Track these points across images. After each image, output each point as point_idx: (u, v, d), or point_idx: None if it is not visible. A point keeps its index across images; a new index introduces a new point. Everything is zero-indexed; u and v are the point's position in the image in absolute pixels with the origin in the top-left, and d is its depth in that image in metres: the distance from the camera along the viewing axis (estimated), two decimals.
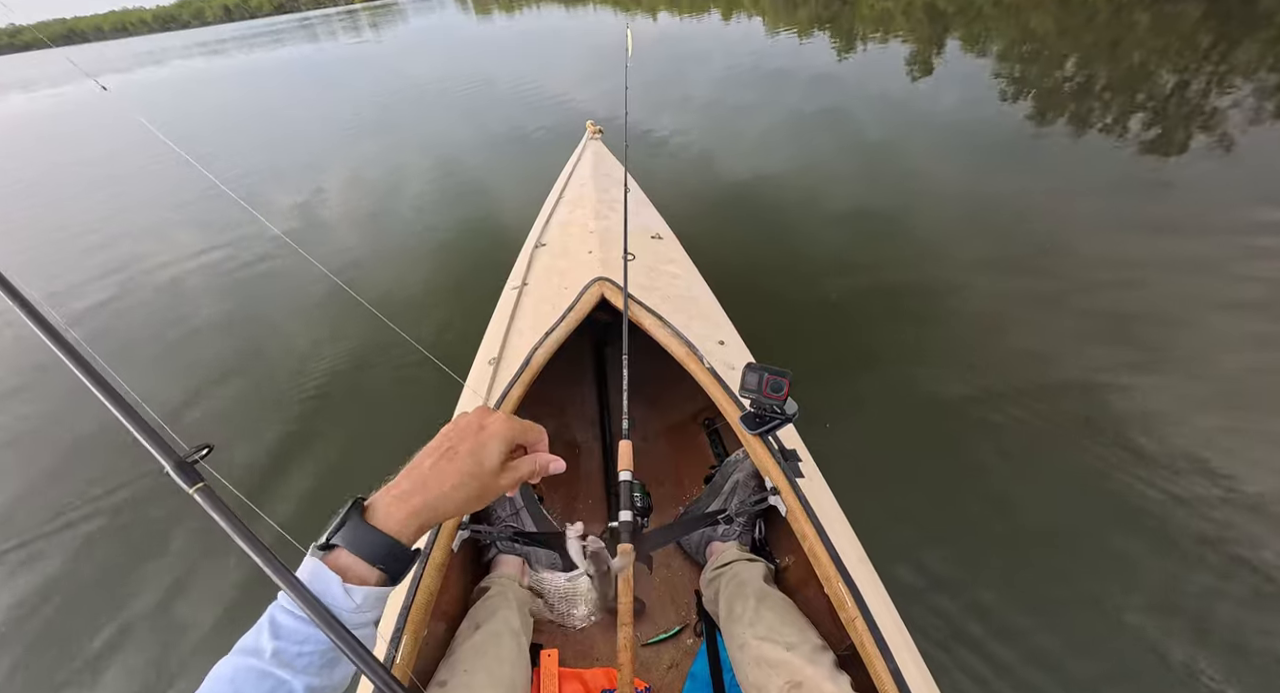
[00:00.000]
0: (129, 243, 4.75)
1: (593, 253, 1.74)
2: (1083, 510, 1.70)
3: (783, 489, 1.06)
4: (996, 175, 3.78)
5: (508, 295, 1.81)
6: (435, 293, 3.31)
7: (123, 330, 3.45)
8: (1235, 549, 1.54)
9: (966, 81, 5.86)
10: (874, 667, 0.81)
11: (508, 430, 0.53)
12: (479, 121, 6.98)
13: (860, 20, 10.39)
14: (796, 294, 2.81)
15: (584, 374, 2.03)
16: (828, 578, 0.93)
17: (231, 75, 18.78)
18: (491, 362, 1.46)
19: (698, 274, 1.95)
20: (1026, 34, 7.48)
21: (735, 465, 1.30)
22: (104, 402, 0.55)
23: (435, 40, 19.36)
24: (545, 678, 1.11)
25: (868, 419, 2.08)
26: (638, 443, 1.51)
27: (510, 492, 0.54)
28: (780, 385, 1.02)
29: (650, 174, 4.45)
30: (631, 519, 0.98)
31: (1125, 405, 1.97)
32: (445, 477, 0.49)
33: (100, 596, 1.86)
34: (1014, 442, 1.92)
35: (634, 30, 3.44)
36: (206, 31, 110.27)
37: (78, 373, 0.56)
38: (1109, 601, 1.48)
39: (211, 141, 8.26)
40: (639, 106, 6.31)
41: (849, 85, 6.25)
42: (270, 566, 0.48)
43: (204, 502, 0.53)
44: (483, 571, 1.25)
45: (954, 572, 1.57)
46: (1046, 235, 3.00)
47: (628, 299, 1.44)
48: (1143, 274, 2.61)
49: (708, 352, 1.35)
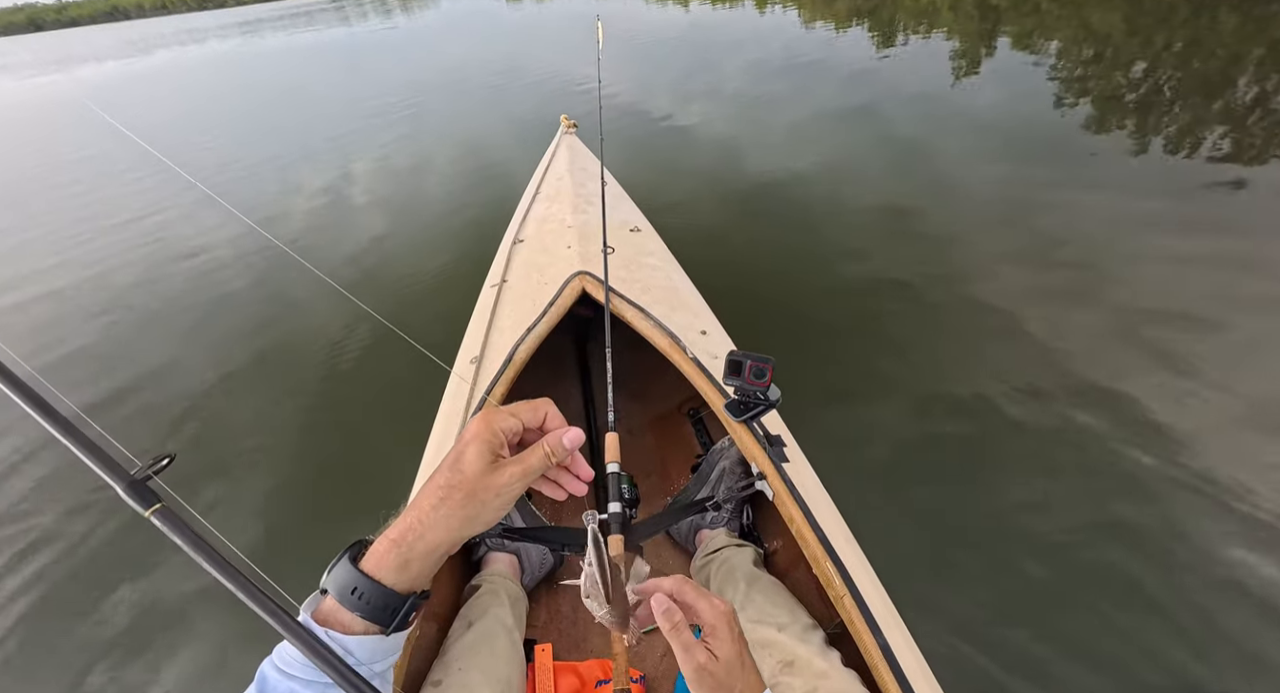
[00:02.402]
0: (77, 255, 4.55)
1: (571, 247, 1.73)
2: (1065, 487, 1.75)
3: (769, 474, 1.07)
4: (1042, 186, 3.39)
5: (487, 293, 1.79)
6: (438, 282, 3.24)
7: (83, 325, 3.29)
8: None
9: (1016, 82, 5.28)
10: (863, 642, 0.83)
11: (485, 427, 0.46)
12: (505, 108, 6.80)
13: (903, 13, 9.75)
14: (821, 295, 2.74)
15: (567, 369, 2.03)
16: (815, 558, 0.94)
17: (267, 55, 18.33)
18: (474, 361, 1.45)
19: (677, 265, 1.95)
20: (1089, 33, 6.79)
21: (721, 453, 1.31)
22: (28, 411, 0.46)
23: (466, 25, 18.69)
24: (540, 673, 1.11)
25: (859, 411, 2.10)
26: (624, 435, 1.52)
27: (526, 488, 0.47)
28: (763, 372, 1.03)
29: (667, 165, 4.44)
30: (620, 511, 0.99)
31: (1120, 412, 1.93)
32: (424, 497, 0.44)
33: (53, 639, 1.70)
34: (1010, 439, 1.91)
35: (646, 19, 3.41)
36: (243, 11, 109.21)
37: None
38: (1093, 567, 1.54)
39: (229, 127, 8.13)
40: (663, 97, 6.23)
41: (885, 80, 5.89)
42: (248, 593, 0.44)
43: (163, 525, 0.46)
44: (472, 569, 1.25)
45: (941, 555, 1.61)
46: (1089, 255, 2.71)
47: (609, 292, 1.44)
48: (1208, 312, 2.25)
49: (690, 342, 1.36)
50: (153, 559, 1.87)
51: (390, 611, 0.43)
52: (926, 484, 1.80)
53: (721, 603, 0.50)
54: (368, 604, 0.42)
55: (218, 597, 1.70)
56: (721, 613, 0.49)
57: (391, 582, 0.42)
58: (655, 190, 3.87)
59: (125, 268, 3.97)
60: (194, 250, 4.09)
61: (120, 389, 2.73)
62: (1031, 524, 1.65)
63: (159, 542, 0.50)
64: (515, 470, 0.45)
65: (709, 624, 0.49)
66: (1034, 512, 1.68)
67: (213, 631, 1.67)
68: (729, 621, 0.49)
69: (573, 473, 0.49)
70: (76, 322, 3.37)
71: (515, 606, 1.12)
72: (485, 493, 0.44)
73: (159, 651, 1.64)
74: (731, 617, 0.50)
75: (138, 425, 2.50)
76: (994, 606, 1.48)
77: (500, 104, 7.09)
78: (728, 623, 0.49)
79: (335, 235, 4.13)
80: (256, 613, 0.45)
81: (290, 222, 4.44)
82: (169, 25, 73.51)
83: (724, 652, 0.47)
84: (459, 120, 6.80)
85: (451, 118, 6.97)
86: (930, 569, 1.58)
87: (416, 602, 0.44)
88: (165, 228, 4.61)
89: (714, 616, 0.49)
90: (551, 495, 0.50)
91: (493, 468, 0.44)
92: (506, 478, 0.44)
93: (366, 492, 1.98)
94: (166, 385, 2.74)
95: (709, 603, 0.49)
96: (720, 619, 0.49)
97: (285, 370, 2.73)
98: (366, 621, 0.42)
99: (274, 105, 9.48)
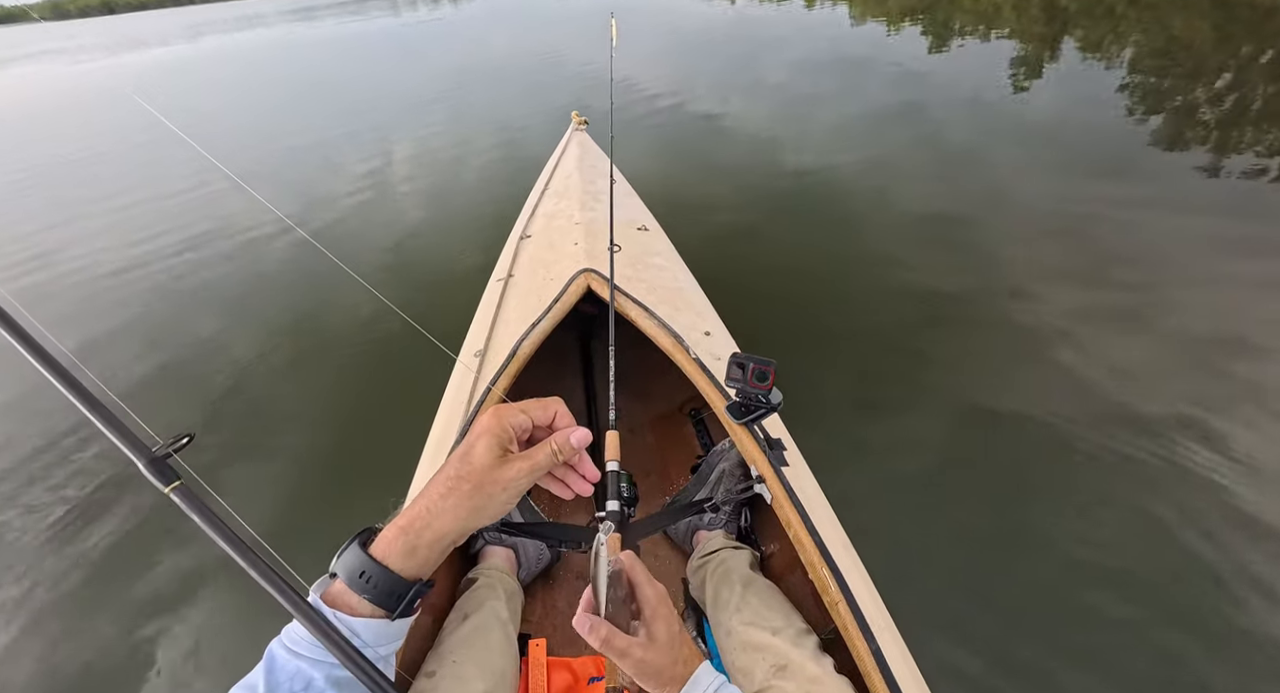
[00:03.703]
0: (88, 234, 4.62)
1: (578, 244, 1.73)
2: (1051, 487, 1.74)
3: (768, 477, 1.07)
4: (1105, 201, 3.18)
5: (493, 287, 1.79)
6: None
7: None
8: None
9: (1083, 91, 4.95)
10: (856, 648, 0.83)
11: (496, 421, 0.47)
12: (545, 97, 6.79)
13: (960, 13, 9.36)
14: (851, 300, 2.68)
15: (570, 366, 2.03)
16: (812, 564, 0.94)
17: (318, 43, 18.45)
18: (477, 354, 1.45)
19: (683, 265, 1.95)
20: (1170, 40, 6.32)
21: (721, 455, 1.31)
22: (61, 389, 0.49)
23: (512, 16, 18.64)
24: (533, 667, 1.11)
25: (865, 419, 2.08)
26: (624, 434, 1.52)
27: (533, 484, 0.48)
28: (765, 375, 1.03)
29: (700, 159, 4.39)
30: (619, 509, 0.99)
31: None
32: (433, 486, 0.45)
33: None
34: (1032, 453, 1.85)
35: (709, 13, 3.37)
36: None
37: (28, 356, 0.50)
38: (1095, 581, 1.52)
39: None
40: (707, 88, 6.18)
41: (937, 82, 5.61)
42: (267, 578, 0.46)
43: (181, 502, 0.48)
44: (470, 562, 1.25)
45: (942, 562, 1.60)
46: (1151, 275, 2.55)
47: (614, 290, 1.44)
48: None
49: (694, 342, 1.36)
50: (175, 534, 1.92)
51: (396, 596, 0.44)
52: (953, 502, 1.74)
53: (661, 587, 0.53)
54: (375, 588, 0.43)
55: (228, 574, 1.75)
56: (662, 595, 0.53)
57: (398, 568, 0.43)
58: (683, 185, 3.85)
59: (160, 252, 4.01)
60: (226, 233, 4.15)
61: (147, 373, 2.77)
62: (1072, 557, 1.57)
63: (178, 518, 0.53)
64: (523, 466, 0.46)
65: (652, 606, 0.51)
66: (1076, 544, 1.59)
67: (223, 607, 1.70)
68: (668, 601, 0.53)
69: (579, 473, 0.50)
70: (107, 303, 3.41)
71: (511, 600, 1.13)
72: (493, 486, 0.45)
73: (166, 624, 1.68)
74: (668, 597, 0.53)
75: (165, 405, 2.55)
76: (1014, 640, 1.44)
77: (539, 92, 7.11)
78: (668, 604, 0.52)
79: (368, 223, 4.17)
80: (267, 591, 0.47)
81: (329, 208, 4.50)
82: (230, 10, 75.82)
83: (662, 632, 0.49)
84: (496, 108, 6.77)
85: (490, 105, 6.96)
86: (956, 592, 1.54)
87: (421, 590, 0.45)
88: (193, 210, 4.65)
89: (656, 597, 0.52)
90: (559, 494, 0.51)
91: (501, 462, 0.45)
92: (514, 472, 0.45)
93: (377, 478, 1.98)
94: (192, 366, 2.78)
95: (652, 588, 0.52)
96: (661, 601, 0.52)
97: (310, 356, 2.77)
98: (373, 604, 0.43)
99: (319, 93, 9.49)
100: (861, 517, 1.27)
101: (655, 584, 0.52)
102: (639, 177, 2.70)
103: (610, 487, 1.01)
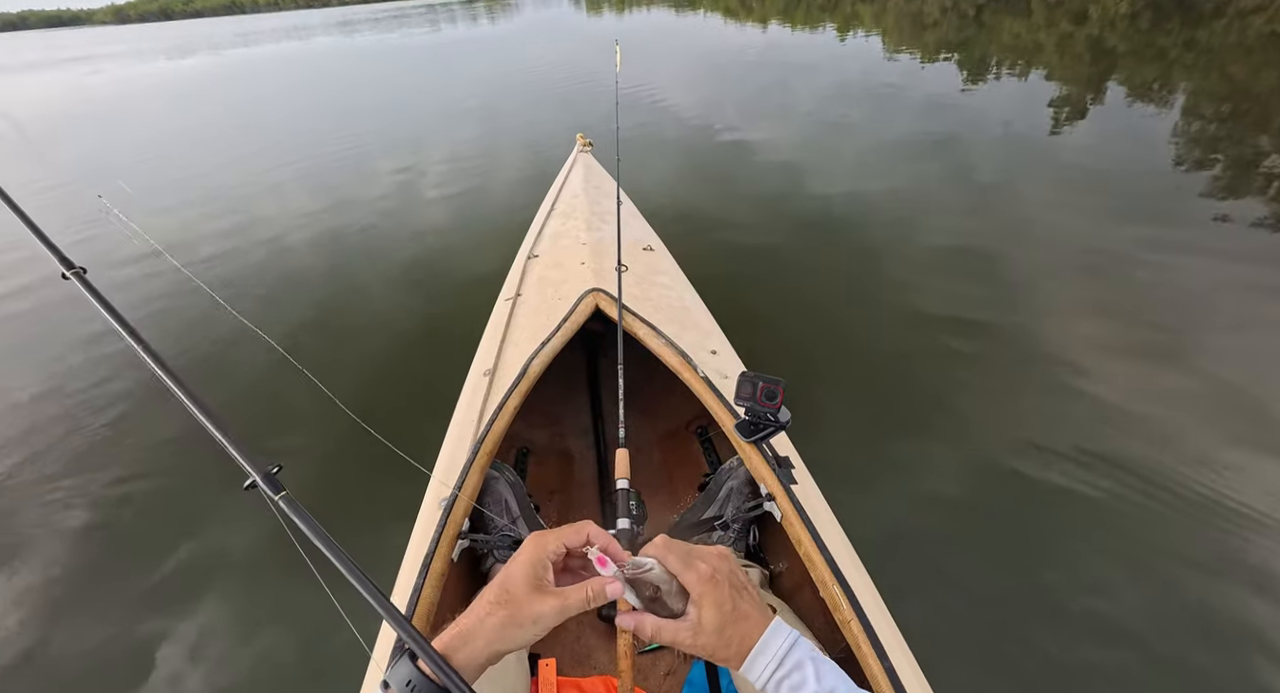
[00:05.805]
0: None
1: (585, 264, 1.76)
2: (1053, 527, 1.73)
3: (777, 495, 1.08)
4: (1142, 244, 3.06)
5: (501, 307, 1.82)
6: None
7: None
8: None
9: (1126, 135, 4.76)
10: (869, 667, 0.83)
11: (532, 552, 0.52)
12: (576, 115, 6.92)
13: (998, 48, 9.09)
14: (867, 326, 2.68)
15: (577, 384, 2.05)
16: (823, 582, 0.94)
17: (358, 54, 19.10)
18: (487, 373, 1.47)
19: (689, 285, 1.98)
20: (1230, 87, 5.88)
21: (729, 473, 1.32)
22: (198, 417, 0.62)
23: (545, 34, 19.25)
24: (544, 687, 1.10)
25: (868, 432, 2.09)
26: (632, 452, 1.53)
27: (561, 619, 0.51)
28: (774, 394, 1.05)
29: (723, 180, 4.46)
30: (629, 527, 1.00)
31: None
32: (478, 605, 0.50)
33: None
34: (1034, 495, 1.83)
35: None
36: (343, 11, 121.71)
37: (172, 386, 0.64)
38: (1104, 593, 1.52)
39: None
40: (738, 113, 6.30)
41: (971, 118, 5.49)
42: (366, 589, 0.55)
43: (290, 510, 0.59)
44: (481, 580, 1.26)
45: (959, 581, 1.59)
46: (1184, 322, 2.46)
47: (622, 310, 1.46)
48: None
49: (701, 361, 1.37)
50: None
51: None
52: (966, 531, 1.73)
53: (704, 567, 0.52)
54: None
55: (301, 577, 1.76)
56: (706, 575, 0.52)
57: (442, 680, 0.48)
58: (700, 206, 3.90)
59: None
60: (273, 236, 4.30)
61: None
62: (1085, 607, 1.52)
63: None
64: (555, 604, 0.50)
65: (697, 591, 0.51)
66: (1087, 593, 1.55)
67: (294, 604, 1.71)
68: (714, 579, 0.52)
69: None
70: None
71: None
72: (524, 617, 0.49)
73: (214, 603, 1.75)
74: (716, 574, 0.52)
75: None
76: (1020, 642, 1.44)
77: (571, 108, 7.33)
78: (713, 581, 0.52)
79: (400, 224, 4.33)
80: (359, 593, 0.55)
81: (359, 208, 4.67)
82: (278, 21, 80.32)
83: (709, 618, 0.50)
84: (528, 126, 6.85)
85: (523, 124, 7.02)
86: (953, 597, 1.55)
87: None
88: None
89: (699, 580, 0.51)
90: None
91: (536, 594, 0.50)
92: (546, 609, 0.50)
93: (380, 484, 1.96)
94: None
95: (694, 572, 0.52)
96: (706, 580, 0.51)
97: (342, 360, 2.80)
98: None
99: (364, 105, 9.62)
100: (872, 536, 1.27)
101: (697, 566, 0.52)
102: (657, 197, 2.72)
103: (620, 505, 1.02)
